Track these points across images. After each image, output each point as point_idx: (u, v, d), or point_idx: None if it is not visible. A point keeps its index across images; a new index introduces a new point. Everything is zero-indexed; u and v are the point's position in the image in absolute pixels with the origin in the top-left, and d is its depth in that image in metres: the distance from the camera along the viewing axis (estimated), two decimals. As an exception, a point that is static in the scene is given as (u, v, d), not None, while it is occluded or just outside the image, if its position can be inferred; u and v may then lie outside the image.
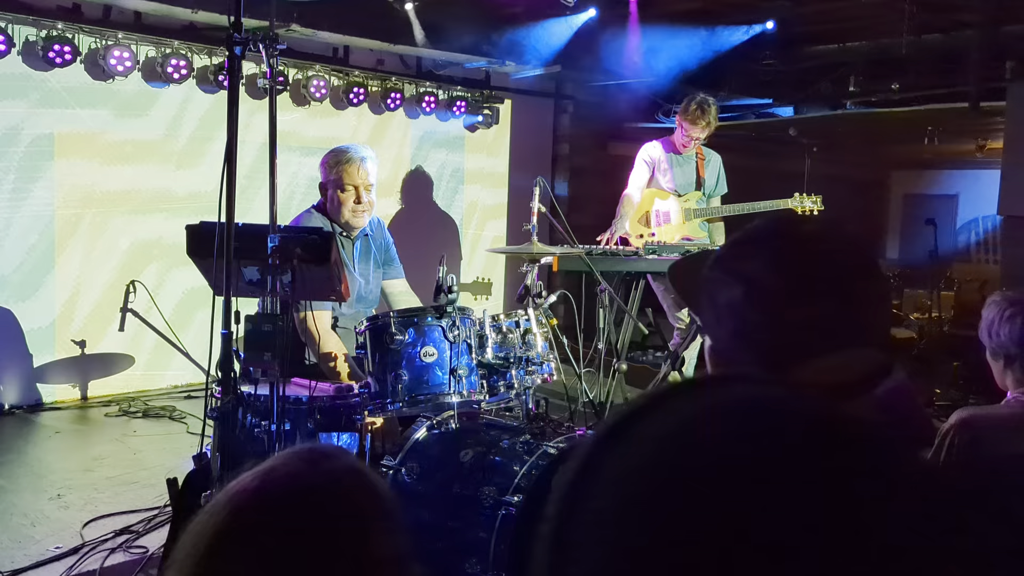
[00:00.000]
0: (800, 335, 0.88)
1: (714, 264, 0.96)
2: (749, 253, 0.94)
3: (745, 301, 0.91)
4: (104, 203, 5.46)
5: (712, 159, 5.34)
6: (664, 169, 5.25)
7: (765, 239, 0.94)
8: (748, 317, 0.91)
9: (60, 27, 5.07)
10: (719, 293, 0.94)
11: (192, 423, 4.88)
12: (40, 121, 5.17)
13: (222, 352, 2.49)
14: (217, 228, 2.47)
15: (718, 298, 0.94)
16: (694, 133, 5.07)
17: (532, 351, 3.04)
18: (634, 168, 5.31)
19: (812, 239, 0.93)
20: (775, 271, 0.91)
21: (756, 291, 0.91)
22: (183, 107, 5.72)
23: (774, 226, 0.96)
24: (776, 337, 0.90)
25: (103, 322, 5.40)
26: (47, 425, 4.91)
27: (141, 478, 4.00)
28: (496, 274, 7.57)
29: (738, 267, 0.93)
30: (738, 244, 0.96)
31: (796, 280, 0.90)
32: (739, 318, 0.91)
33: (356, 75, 6.35)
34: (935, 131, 7.47)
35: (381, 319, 2.93)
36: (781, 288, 0.90)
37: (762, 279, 0.91)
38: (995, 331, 2.14)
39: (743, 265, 0.93)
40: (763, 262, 0.91)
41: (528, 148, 7.66)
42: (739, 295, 0.91)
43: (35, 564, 3.09)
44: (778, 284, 0.90)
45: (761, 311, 0.90)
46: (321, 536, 0.95)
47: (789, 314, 0.89)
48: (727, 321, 0.93)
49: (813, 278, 0.90)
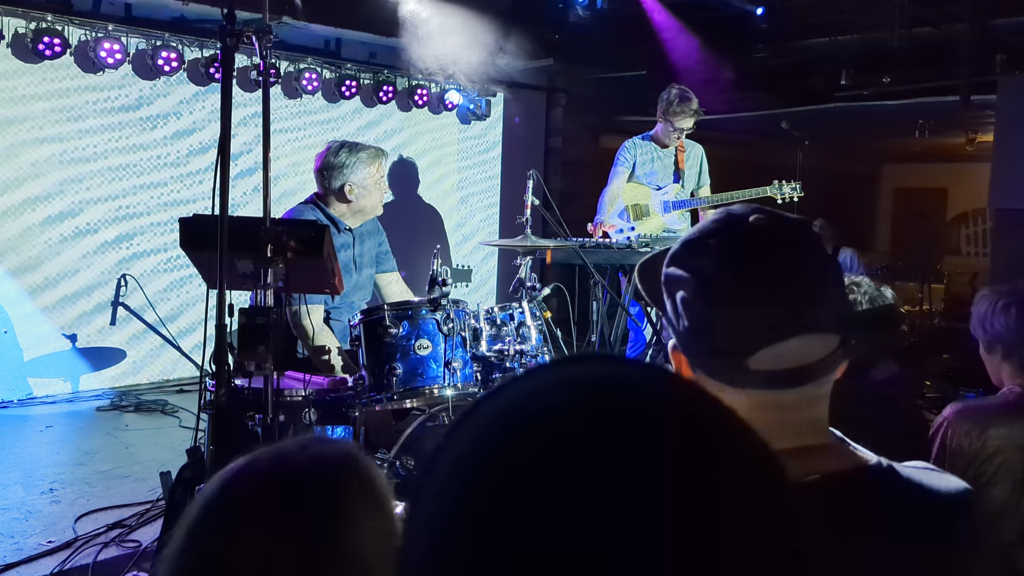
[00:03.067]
0: (750, 325, 0.90)
1: (669, 261, 0.99)
2: (698, 248, 0.96)
3: (695, 295, 0.93)
4: (96, 195, 5.43)
5: (693, 150, 5.32)
6: (644, 163, 5.25)
7: (712, 233, 0.96)
8: (699, 311, 0.93)
9: (50, 19, 5.04)
10: (674, 290, 0.96)
11: (184, 417, 4.87)
12: (30, 113, 5.14)
13: (216, 345, 2.48)
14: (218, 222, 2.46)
15: (674, 295, 0.96)
16: (683, 125, 5.05)
17: (527, 344, 3.04)
18: (615, 165, 5.31)
19: (757, 229, 0.94)
20: (720, 263, 0.93)
21: (704, 285, 0.93)
22: (174, 99, 5.70)
23: (722, 219, 0.98)
24: (727, 329, 0.92)
25: (95, 316, 5.38)
26: (39, 419, 4.89)
27: (134, 472, 3.99)
28: (489, 267, 7.57)
29: (688, 263, 0.95)
30: (689, 240, 0.98)
31: (742, 271, 0.92)
32: (691, 313, 0.94)
33: (348, 68, 6.33)
34: (926, 124, 7.49)
35: (375, 312, 2.93)
36: (727, 279, 0.92)
37: (709, 272, 0.93)
38: (989, 323, 2.13)
39: (693, 260, 0.95)
40: (710, 256, 0.94)
41: (521, 141, 7.65)
42: (690, 290, 0.94)
43: (27, 558, 3.08)
44: (724, 276, 0.92)
45: (711, 304, 0.93)
46: (304, 515, 0.97)
47: (737, 305, 0.91)
48: (683, 317, 0.95)
49: (759, 267, 0.92)
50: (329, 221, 3.51)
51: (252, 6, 2.94)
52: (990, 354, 2.17)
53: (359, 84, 6.30)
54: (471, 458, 0.49)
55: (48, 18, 5.03)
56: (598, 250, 4.75)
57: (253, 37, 2.57)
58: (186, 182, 5.77)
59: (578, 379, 0.51)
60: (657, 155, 5.24)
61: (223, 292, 2.46)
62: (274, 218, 2.72)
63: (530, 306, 3.15)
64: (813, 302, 0.92)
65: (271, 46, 2.62)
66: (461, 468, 0.49)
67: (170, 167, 5.71)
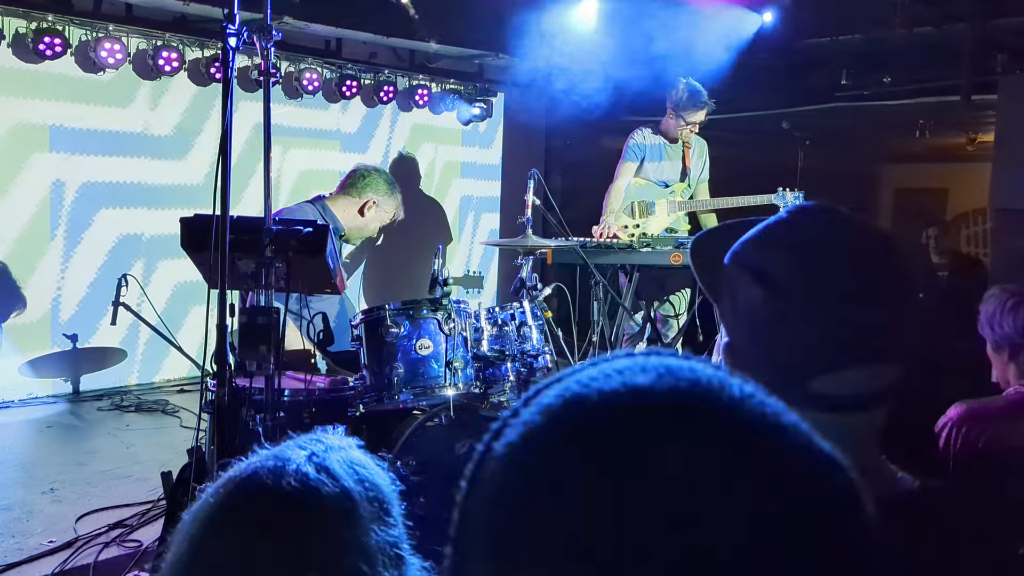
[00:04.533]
0: (820, 347, 0.83)
1: (734, 255, 0.90)
2: (772, 249, 0.87)
3: (763, 304, 0.86)
4: (96, 196, 5.43)
5: (698, 145, 5.32)
6: (653, 158, 5.23)
7: (790, 235, 0.87)
8: (764, 322, 0.86)
9: (50, 19, 5.03)
10: (738, 290, 0.88)
11: (185, 417, 4.87)
12: (31, 113, 5.14)
13: (217, 345, 2.48)
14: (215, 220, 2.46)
15: (737, 295, 0.89)
16: (695, 119, 5.02)
17: (528, 343, 3.04)
18: (623, 157, 5.27)
19: (840, 241, 0.86)
20: (797, 273, 0.85)
21: (774, 294, 0.85)
22: (174, 99, 5.69)
23: (800, 219, 0.89)
24: (793, 348, 0.85)
25: (95, 316, 5.38)
26: (39, 419, 4.89)
27: (135, 472, 3.99)
28: (490, 267, 7.57)
29: (758, 263, 0.87)
30: (761, 237, 0.89)
31: (820, 286, 0.84)
32: (756, 320, 0.86)
33: (349, 68, 6.33)
34: (926, 124, 7.49)
35: (376, 312, 2.93)
36: (800, 293, 0.84)
37: (782, 282, 0.85)
38: (997, 323, 2.12)
39: (764, 262, 0.87)
40: (785, 263, 0.85)
41: (522, 141, 7.65)
42: (758, 296, 0.86)
43: (28, 558, 3.07)
44: (797, 289, 0.84)
45: (778, 318, 0.85)
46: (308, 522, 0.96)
47: (809, 324, 0.83)
48: (745, 320, 0.88)
49: (839, 285, 0.84)
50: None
51: (252, 6, 2.94)
52: (997, 353, 2.16)
53: (359, 84, 6.30)
54: None
55: (48, 18, 5.03)
56: (598, 250, 4.74)
57: (253, 37, 2.57)
58: (186, 182, 5.77)
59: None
60: (666, 151, 5.22)
61: (223, 292, 2.46)
62: (275, 218, 2.72)
63: (531, 306, 3.15)
64: (890, 329, 0.85)
65: (272, 46, 2.62)
66: None
67: (170, 167, 5.71)
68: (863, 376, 0.85)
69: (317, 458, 1.03)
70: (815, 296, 0.84)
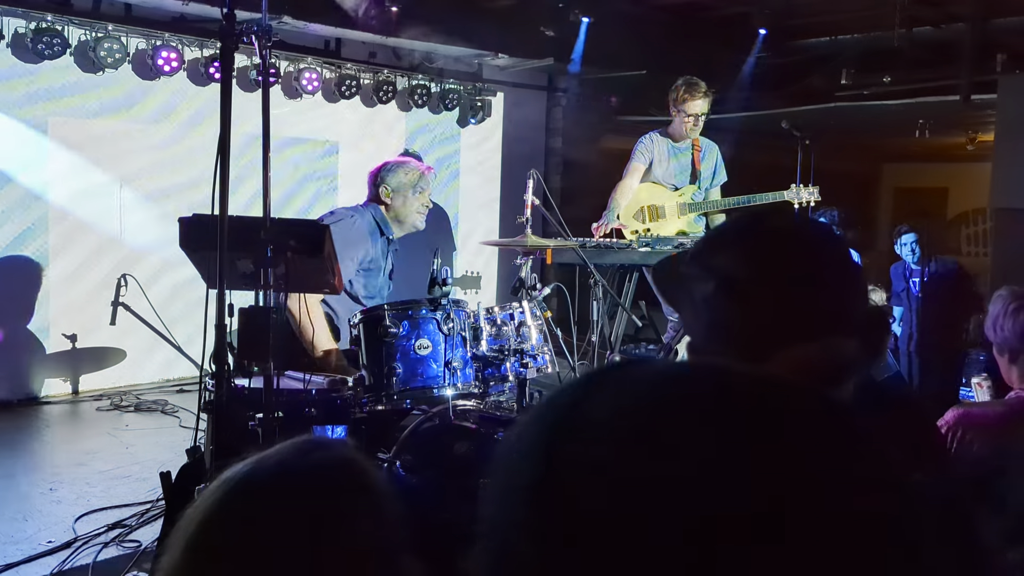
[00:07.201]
0: (773, 326, 0.90)
1: (689, 260, 0.99)
2: (720, 247, 0.96)
3: (716, 294, 0.93)
4: (96, 195, 5.43)
5: (709, 149, 5.27)
6: (661, 160, 5.20)
7: (735, 233, 0.97)
8: (720, 310, 0.93)
9: (50, 19, 5.03)
10: (694, 289, 0.96)
11: (184, 417, 4.87)
12: (33, 113, 5.14)
13: (216, 345, 2.48)
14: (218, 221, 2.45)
15: (694, 293, 0.96)
16: (695, 110, 4.98)
17: (527, 343, 3.03)
18: (631, 160, 5.25)
19: (781, 231, 0.95)
20: (744, 263, 0.93)
21: (726, 283, 0.93)
22: (173, 99, 5.69)
23: (745, 220, 0.99)
24: (747, 328, 0.92)
25: (94, 316, 5.37)
26: (39, 419, 4.89)
27: (134, 472, 3.99)
28: (489, 267, 7.57)
29: (710, 262, 0.95)
30: (711, 239, 0.99)
31: (764, 270, 0.92)
32: (712, 311, 0.94)
33: (348, 68, 6.33)
34: (926, 124, 7.49)
35: (375, 312, 2.93)
36: (750, 279, 0.92)
37: (732, 271, 0.93)
38: (1000, 325, 2.10)
39: (714, 259, 0.95)
40: (733, 255, 0.94)
41: (521, 141, 7.64)
42: (711, 288, 0.94)
43: (28, 558, 3.08)
44: (747, 275, 0.92)
45: (731, 303, 0.93)
46: (304, 524, 0.97)
47: (758, 304, 0.91)
48: (702, 315, 0.95)
49: (781, 268, 0.92)
50: (377, 225, 3.61)
51: (252, 6, 2.93)
52: (1000, 356, 2.14)
53: (359, 84, 6.30)
54: None
55: (48, 18, 5.03)
56: (598, 250, 4.74)
57: (253, 37, 2.56)
58: (186, 182, 5.76)
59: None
60: (674, 153, 5.19)
61: (223, 292, 2.46)
62: (274, 218, 2.71)
63: (530, 306, 3.14)
64: (838, 305, 0.91)
65: (271, 46, 2.62)
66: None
67: (170, 167, 5.71)
68: (819, 352, 0.90)
69: (315, 458, 1.03)
70: (761, 280, 0.92)
